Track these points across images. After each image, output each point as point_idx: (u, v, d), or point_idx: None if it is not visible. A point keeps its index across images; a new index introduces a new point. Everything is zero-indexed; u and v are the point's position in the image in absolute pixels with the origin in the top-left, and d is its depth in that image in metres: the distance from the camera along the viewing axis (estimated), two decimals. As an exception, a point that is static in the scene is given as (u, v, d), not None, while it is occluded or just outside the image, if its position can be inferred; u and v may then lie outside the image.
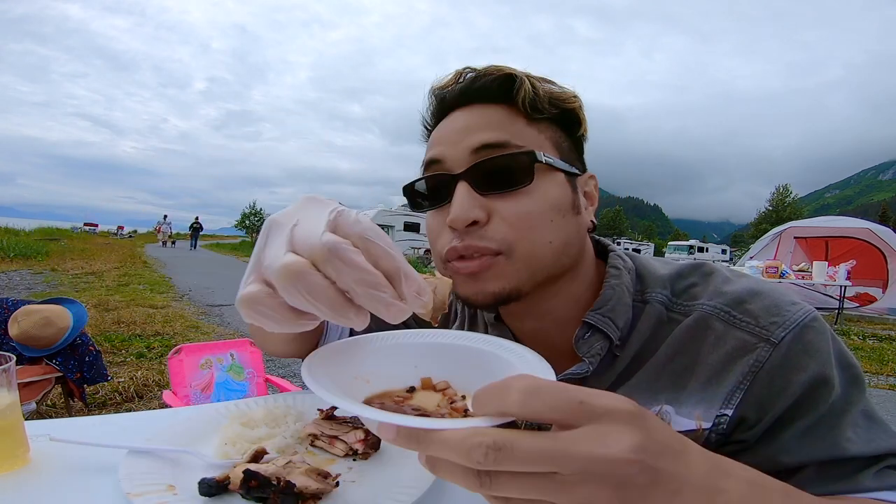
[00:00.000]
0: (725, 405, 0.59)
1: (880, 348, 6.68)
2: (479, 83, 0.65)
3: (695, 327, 0.63)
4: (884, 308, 10.47)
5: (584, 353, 0.64)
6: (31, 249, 14.04)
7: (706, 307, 0.63)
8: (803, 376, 0.56)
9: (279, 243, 0.36)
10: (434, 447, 0.33)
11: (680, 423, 0.61)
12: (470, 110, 0.66)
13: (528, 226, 0.61)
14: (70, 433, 0.62)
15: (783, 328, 0.58)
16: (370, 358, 0.56)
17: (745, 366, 0.58)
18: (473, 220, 0.60)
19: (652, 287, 0.68)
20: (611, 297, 0.66)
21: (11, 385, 0.62)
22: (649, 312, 0.66)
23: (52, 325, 2.70)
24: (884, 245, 10.46)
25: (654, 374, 0.64)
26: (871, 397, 0.59)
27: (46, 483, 0.57)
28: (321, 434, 0.68)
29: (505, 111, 0.64)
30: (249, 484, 0.52)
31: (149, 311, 6.66)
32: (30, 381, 2.61)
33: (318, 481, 0.54)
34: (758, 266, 8.86)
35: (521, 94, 0.63)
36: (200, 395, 2.59)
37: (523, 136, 0.63)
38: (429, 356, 0.58)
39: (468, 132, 0.63)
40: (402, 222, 32.13)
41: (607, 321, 0.64)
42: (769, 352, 0.57)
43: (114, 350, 4.79)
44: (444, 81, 0.69)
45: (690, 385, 0.61)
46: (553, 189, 0.63)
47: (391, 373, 0.55)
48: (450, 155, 0.64)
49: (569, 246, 0.64)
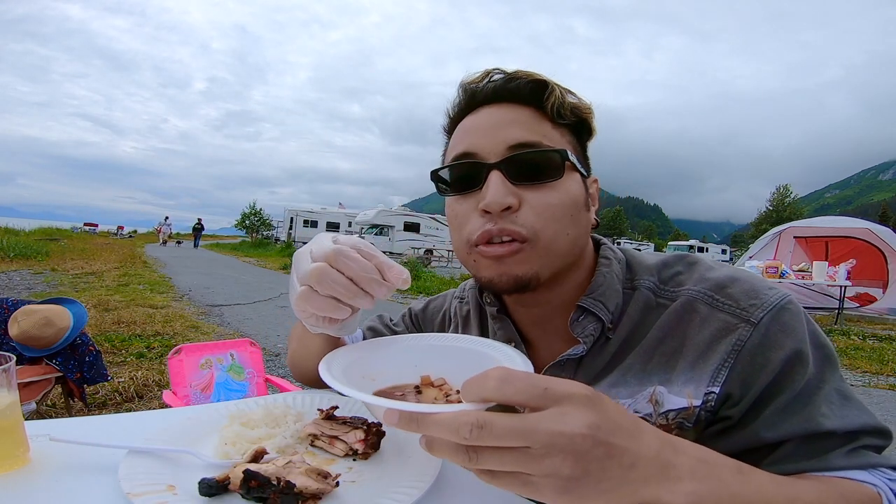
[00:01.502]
0: (712, 383, 0.63)
1: (880, 348, 6.68)
2: (513, 84, 0.70)
3: (681, 311, 0.67)
4: (884, 308, 10.47)
5: (579, 334, 0.69)
6: (31, 249, 14.03)
7: (692, 292, 0.68)
8: (781, 354, 0.60)
9: (305, 261, 0.60)
10: (430, 428, 0.40)
11: (673, 402, 0.65)
12: (500, 108, 0.70)
13: (553, 216, 0.66)
14: (70, 433, 0.62)
15: (762, 309, 0.63)
16: (376, 359, 0.65)
17: (728, 345, 0.63)
18: (508, 205, 0.65)
19: (640, 274, 0.73)
20: (602, 283, 0.71)
21: (11, 385, 0.62)
22: (638, 298, 0.71)
23: (52, 325, 2.70)
24: (884, 245, 10.46)
25: (646, 355, 0.68)
26: (871, 397, 0.60)
27: (46, 483, 0.57)
28: (321, 434, 0.68)
29: (533, 113, 0.69)
30: (249, 484, 0.52)
31: (149, 311, 6.66)
32: (30, 381, 2.61)
33: (318, 481, 0.54)
34: (758, 266, 8.86)
35: (552, 100, 0.68)
36: (200, 395, 2.59)
37: (551, 137, 0.69)
38: (427, 357, 0.65)
39: (501, 127, 0.68)
40: (402, 222, 32.12)
41: (599, 304, 0.70)
42: (749, 332, 0.62)
43: (114, 350, 4.79)
44: (474, 78, 0.74)
45: (680, 365, 0.66)
46: (574, 186, 0.69)
47: (395, 372, 0.63)
48: (484, 146, 0.68)
49: (580, 239, 0.70)
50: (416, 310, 1.05)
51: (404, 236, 31.42)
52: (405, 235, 31.42)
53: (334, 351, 0.64)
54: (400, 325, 1.06)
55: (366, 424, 0.68)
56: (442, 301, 1.03)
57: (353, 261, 0.58)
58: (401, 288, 0.61)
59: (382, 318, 1.08)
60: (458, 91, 0.75)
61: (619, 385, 0.68)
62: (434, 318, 1.01)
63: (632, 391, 0.67)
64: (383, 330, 1.04)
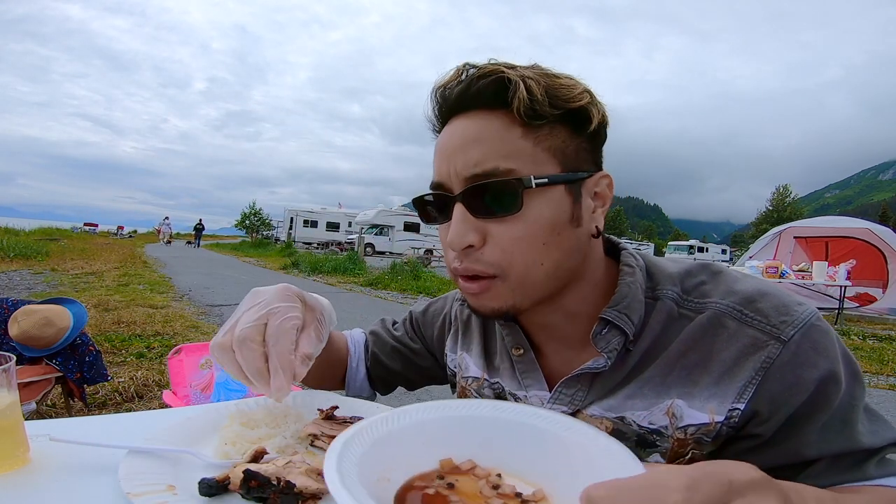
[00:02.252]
0: (738, 399, 0.61)
1: (880, 348, 6.67)
2: (475, 88, 0.62)
3: (707, 324, 0.64)
4: (884, 308, 10.47)
5: (603, 349, 0.66)
6: (31, 249, 14.02)
7: (720, 305, 0.65)
8: (815, 373, 0.59)
9: (230, 322, 0.68)
10: None
11: (693, 417, 0.63)
12: (468, 119, 0.64)
13: (521, 250, 0.61)
14: (70, 433, 0.62)
15: (792, 326, 0.60)
16: (387, 447, 0.50)
17: (756, 362, 0.60)
18: (468, 244, 0.62)
19: (662, 284, 0.69)
20: (626, 295, 0.67)
21: (11, 385, 0.62)
22: (660, 308, 0.67)
23: (52, 325, 2.70)
24: (884, 245, 10.46)
25: (667, 368, 0.65)
26: (871, 397, 0.62)
27: (46, 483, 0.57)
28: (321, 434, 0.68)
29: (502, 120, 0.61)
30: (249, 484, 0.52)
31: (149, 311, 6.66)
32: (30, 381, 2.61)
33: (319, 481, 0.54)
34: (758, 266, 8.86)
35: (516, 102, 0.60)
36: (200, 395, 2.59)
37: (517, 153, 0.61)
38: (450, 432, 0.53)
39: (464, 149, 0.62)
40: (402, 222, 32.13)
41: (623, 317, 0.66)
42: (779, 349, 0.60)
43: (114, 350, 4.79)
44: (446, 79, 0.67)
45: (704, 380, 0.63)
46: (546, 210, 0.61)
47: (410, 460, 0.50)
48: (448, 173, 0.64)
49: (564, 262, 0.64)
50: (417, 313, 1.03)
51: (404, 236, 31.44)
52: (405, 235, 31.44)
53: (334, 451, 0.45)
54: (401, 329, 1.04)
55: (366, 424, 0.68)
56: (442, 304, 1.01)
57: (245, 359, 0.64)
58: (275, 399, 0.66)
59: (385, 322, 1.07)
60: (430, 96, 0.68)
61: (635, 397, 0.66)
62: (434, 321, 0.99)
63: (648, 403, 0.65)
64: (385, 335, 1.03)
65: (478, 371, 0.84)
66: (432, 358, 1.00)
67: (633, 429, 0.66)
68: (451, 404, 0.56)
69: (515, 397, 0.77)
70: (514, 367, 0.77)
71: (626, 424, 0.66)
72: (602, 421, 0.68)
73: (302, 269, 15.12)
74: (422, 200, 0.70)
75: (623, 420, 0.67)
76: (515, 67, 0.63)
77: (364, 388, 1.01)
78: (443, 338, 0.97)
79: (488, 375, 0.82)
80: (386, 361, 1.00)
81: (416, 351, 1.01)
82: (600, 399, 0.68)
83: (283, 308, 0.68)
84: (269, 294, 0.70)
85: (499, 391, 0.80)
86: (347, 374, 1.00)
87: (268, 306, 0.67)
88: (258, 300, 0.69)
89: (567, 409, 0.70)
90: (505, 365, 0.79)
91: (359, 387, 1.01)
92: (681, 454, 0.65)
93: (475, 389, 0.84)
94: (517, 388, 0.77)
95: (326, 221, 37.44)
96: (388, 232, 31.65)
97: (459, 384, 0.89)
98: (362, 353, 1.02)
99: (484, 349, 0.85)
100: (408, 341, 1.01)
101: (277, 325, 0.66)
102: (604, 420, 0.68)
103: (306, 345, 0.69)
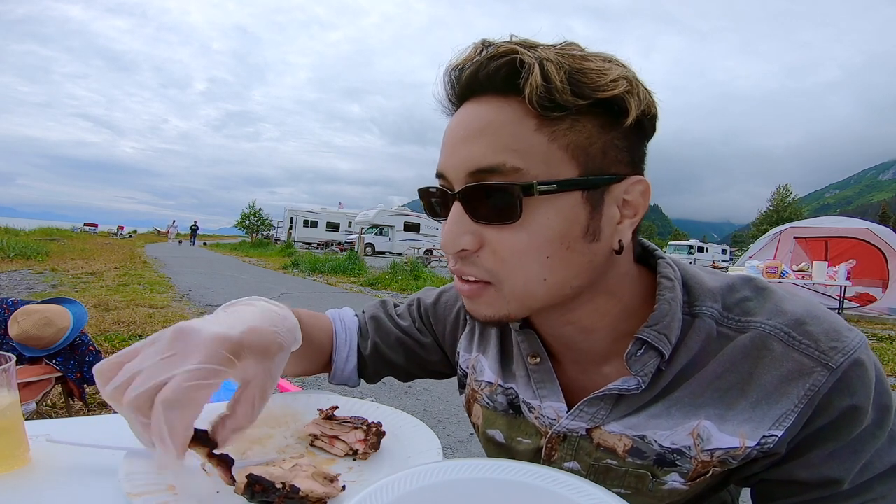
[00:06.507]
0: (775, 426, 0.57)
1: (880, 348, 6.68)
2: (486, 70, 0.54)
3: (750, 346, 0.59)
4: (884, 308, 10.47)
5: (638, 371, 0.60)
6: (31, 249, 14.01)
7: (766, 326, 0.59)
8: (847, 401, 0.56)
9: (126, 368, 0.51)
10: None
11: (722, 441, 0.59)
12: (478, 105, 0.56)
13: (519, 263, 0.55)
14: (70, 433, 0.62)
15: (842, 354, 0.56)
16: None
17: (801, 388, 0.56)
18: (461, 248, 0.56)
19: (702, 300, 0.63)
20: (666, 313, 0.60)
21: (11, 385, 0.62)
22: (699, 327, 0.61)
23: (52, 325, 2.70)
24: (884, 245, 10.46)
25: (700, 389, 0.61)
26: None
27: (46, 483, 0.57)
28: (321, 434, 0.68)
29: (515, 109, 0.53)
30: (254, 489, 0.52)
31: (149, 311, 6.66)
32: (30, 381, 2.61)
33: (325, 485, 0.54)
34: (758, 266, 8.85)
35: (528, 89, 0.51)
36: (200, 395, 2.59)
37: (527, 149, 0.52)
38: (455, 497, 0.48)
39: (469, 139, 0.55)
40: (402, 222, 32.16)
41: (663, 338, 0.60)
42: (826, 377, 0.55)
43: (114, 350, 4.79)
44: (462, 59, 0.57)
45: (740, 403, 0.59)
46: (554, 220, 0.54)
47: None
48: (451, 166, 0.57)
49: (572, 281, 0.57)
50: (427, 303, 0.94)
51: (404, 236, 31.46)
52: (405, 235, 31.46)
53: None
54: (406, 318, 0.94)
55: (366, 424, 0.68)
56: (455, 296, 0.91)
57: (136, 432, 0.50)
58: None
59: (386, 305, 0.98)
60: (443, 77, 0.60)
61: (661, 416, 0.62)
62: (447, 315, 0.90)
63: (674, 423, 0.61)
64: (388, 323, 0.93)
65: (492, 375, 0.79)
66: (441, 353, 0.93)
67: (654, 448, 0.63)
68: (483, 464, 0.51)
69: (529, 406, 0.73)
70: (530, 375, 0.72)
71: (646, 443, 0.63)
72: (621, 438, 0.64)
73: (302, 269, 15.11)
74: (426, 192, 0.63)
75: (644, 439, 0.63)
76: (538, 47, 0.53)
77: (352, 377, 0.92)
78: (455, 334, 0.90)
79: (503, 381, 0.78)
80: (388, 353, 0.91)
81: (425, 345, 0.92)
82: (622, 417, 0.64)
83: (200, 372, 0.49)
84: (200, 341, 0.51)
85: (512, 397, 0.76)
86: (335, 362, 0.90)
87: (182, 364, 0.49)
88: (177, 348, 0.50)
89: (585, 425, 0.66)
90: (521, 372, 0.75)
91: (346, 376, 0.91)
92: (703, 474, 0.62)
93: (487, 395, 0.80)
94: (532, 396, 0.72)
95: (326, 221, 37.45)
96: (388, 232, 31.66)
97: (470, 386, 0.84)
98: (354, 340, 0.91)
99: (501, 352, 0.79)
100: (415, 333, 0.92)
101: (183, 388, 0.48)
102: (623, 437, 0.64)
103: (242, 417, 0.54)
